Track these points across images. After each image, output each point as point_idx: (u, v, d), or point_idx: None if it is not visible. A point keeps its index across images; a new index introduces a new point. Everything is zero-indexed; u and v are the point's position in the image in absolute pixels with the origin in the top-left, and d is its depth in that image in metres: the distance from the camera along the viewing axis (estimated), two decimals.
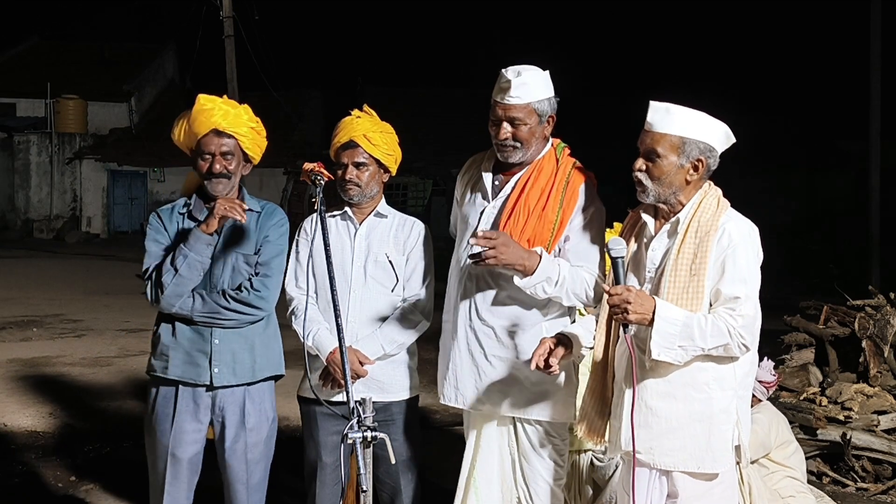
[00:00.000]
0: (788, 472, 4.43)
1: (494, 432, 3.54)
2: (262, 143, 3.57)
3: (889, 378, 5.89)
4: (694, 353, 2.87)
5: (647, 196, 3.01)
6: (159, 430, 3.45)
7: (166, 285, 3.35)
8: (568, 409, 3.50)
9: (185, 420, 3.43)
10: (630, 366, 2.96)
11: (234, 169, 3.47)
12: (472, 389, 3.47)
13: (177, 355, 3.44)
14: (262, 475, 3.56)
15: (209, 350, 3.42)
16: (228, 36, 22.29)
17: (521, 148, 3.39)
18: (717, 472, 2.98)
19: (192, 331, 3.44)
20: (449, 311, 3.62)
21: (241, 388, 3.47)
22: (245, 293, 3.42)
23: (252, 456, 3.50)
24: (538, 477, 3.48)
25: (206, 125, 3.42)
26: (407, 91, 31.90)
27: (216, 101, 3.47)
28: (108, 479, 5.43)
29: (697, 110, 2.99)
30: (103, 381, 8.12)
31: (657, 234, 3.05)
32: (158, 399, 3.47)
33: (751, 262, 2.92)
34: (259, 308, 3.46)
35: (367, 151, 3.59)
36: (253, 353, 3.48)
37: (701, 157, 2.96)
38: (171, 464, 3.44)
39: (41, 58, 33.89)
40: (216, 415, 3.47)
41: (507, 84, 3.33)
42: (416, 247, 3.65)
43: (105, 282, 16.49)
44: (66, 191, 30.58)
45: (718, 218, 2.94)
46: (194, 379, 3.43)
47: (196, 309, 3.40)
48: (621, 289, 2.85)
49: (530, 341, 3.34)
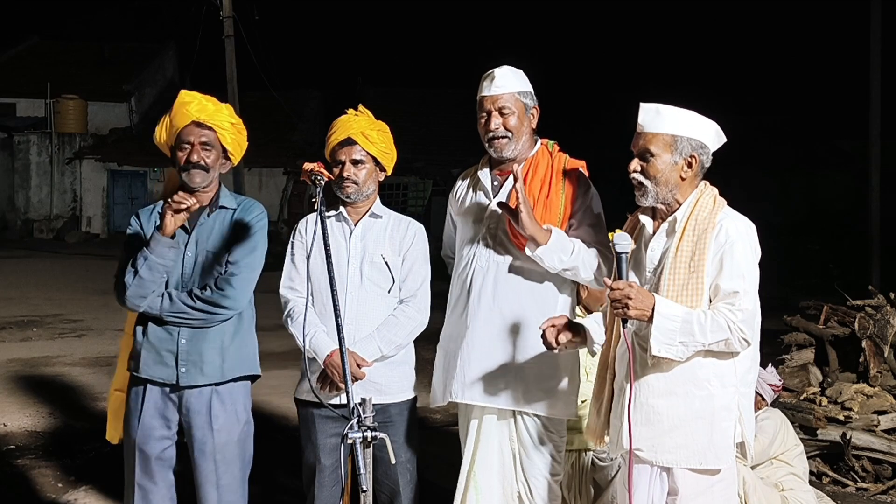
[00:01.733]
0: (790, 468, 4.44)
1: (495, 427, 3.59)
2: (242, 141, 3.57)
3: (889, 378, 5.89)
4: (695, 349, 2.90)
5: (646, 198, 3.05)
6: (130, 426, 3.48)
7: (127, 286, 3.38)
8: (569, 406, 3.57)
9: (153, 417, 3.44)
10: (634, 362, 2.99)
11: (213, 162, 3.46)
12: (481, 385, 3.53)
13: (147, 354, 3.45)
14: (237, 477, 3.50)
15: (176, 349, 3.42)
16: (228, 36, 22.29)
17: (512, 139, 3.52)
18: (719, 469, 3.00)
19: (161, 330, 3.44)
20: (454, 314, 3.66)
21: (209, 389, 3.45)
22: (209, 292, 3.41)
23: (222, 457, 3.45)
24: (536, 471, 3.54)
25: (186, 117, 3.43)
26: (407, 91, 31.90)
27: (197, 95, 3.50)
28: (108, 479, 5.42)
29: (687, 109, 3.04)
30: (103, 381, 8.11)
31: (655, 233, 3.08)
32: (130, 396, 3.51)
33: (748, 257, 2.96)
34: (225, 308, 3.43)
35: (365, 149, 3.60)
36: (223, 353, 3.46)
37: (694, 154, 3.01)
38: (139, 459, 3.46)
39: (41, 58, 33.87)
40: (183, 414, 3.46)
41: (491, 76, 3.51)
42: (412, 247, 3.65)
43: (105, 282, 16.38)
44: (66, 191, 30.57)
45: (715, 215, 2.99)
46: (162, 378, 3.43)
47: (164, 309, 3.41)
48: (623, 284, 2.88)
49: (537, 338, 3.40)
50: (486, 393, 3.52)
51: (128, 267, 3.39)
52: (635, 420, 2.99)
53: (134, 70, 33.29)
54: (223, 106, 3.50)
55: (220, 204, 3.53)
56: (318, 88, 34.70)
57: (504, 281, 3.54)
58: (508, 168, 3.58)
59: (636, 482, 3.02)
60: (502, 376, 3.51)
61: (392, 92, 31.28)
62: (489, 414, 3.59)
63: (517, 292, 3.53)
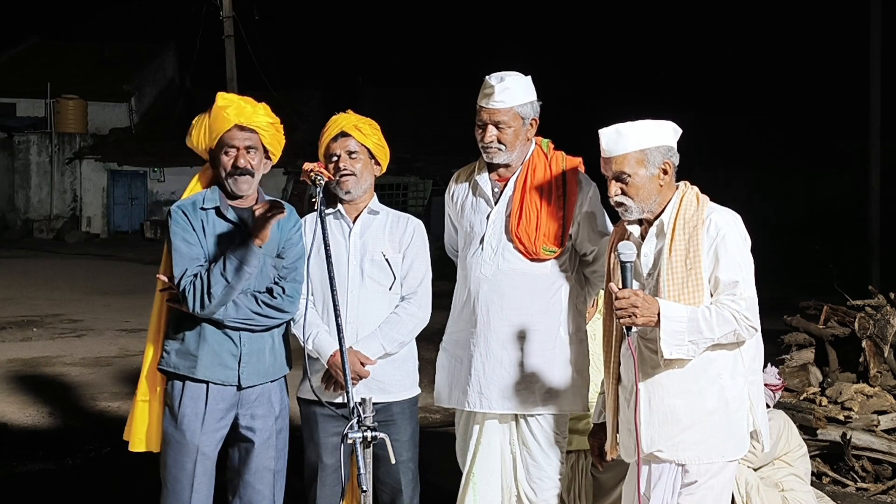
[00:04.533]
0: (792, 469, 4.44)
1: (497, 429, 3.65)
2: (281, 139, 3.56)
3: (889, 378, 5.89)
4: (705, 345, 2.96)
5: (630, 214, 3.11)
6: (188, 429, 3.40)
7: (215, 296, 3.27)
8: (582, 399, 3.66)
9: (216, 419, 3.42)
10: (638, 368, 3.03)
11: (257, 165, 3.44)
12: (497, 393, 3.58)
13: (205, 356, 3.40)
14: (284, 463, 3.59)
15: (239, 352, 3.41)
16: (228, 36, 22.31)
17: (505, 150, 3.56)
18: (737, 458, 3.09)
19: (222, 334, 3.40)
20: (459, 319, 3.69)
21: (264, 385, 3.50)
22: (278, 299, 3.42)
23: (280, 443, 3.53)
24: (541, 472, 3.60)
25: (227, 121, 3.39)
26: (407, 91, 31.93)
27: (233, 97, 3.48)
28: (108, 479, 5.43)
29: (637, 121, 3.09)
30: (103, 381, 8.13)
31: (645, 239, 3.12)
32: (185, 397, 3.42)
33: (741, 246, 3.04)
34: (288, 312, 3.47)
35: (359, 140, 3.61)
36: (274, 354, 3.50)
37: (666, 160, 3.07)
38: (200, 461, 3.41)
39: (41, 58, 33.88)
40: (243, 409, 3.46)
41: (491, 90, 3.51)
42: (412, 243, 3.66)
43: (105, 282, 16.50)
44: (66, 191, 30.58)
45: (702, 211, 3.05)
46: (223, 380, 3.41)
47: (229, 315, 3.36)
48: (629, 292, 2.92)
49: (547, 339, 3.54)
50: (502, 400, 3.59)
51: (215, 276, 3.26)
52: (653, 422, 3.06)
53: (134, 70, 33.30)
54: (260, 106, 3.48)
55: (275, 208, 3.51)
56: (318, 88, 34.73)
57: (510, 287, 3.57)
58: (507, 174, 3.62)
59: (655, 483, 3.09)
60: (517, 382, 3.57)
61: (392, 92, 31.30)
62: (491, 418, 3.64)
63: (523, 298, 3.57)
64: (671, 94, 27.16)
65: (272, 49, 25.96)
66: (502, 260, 3.57)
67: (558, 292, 3.61)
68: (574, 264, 3.67)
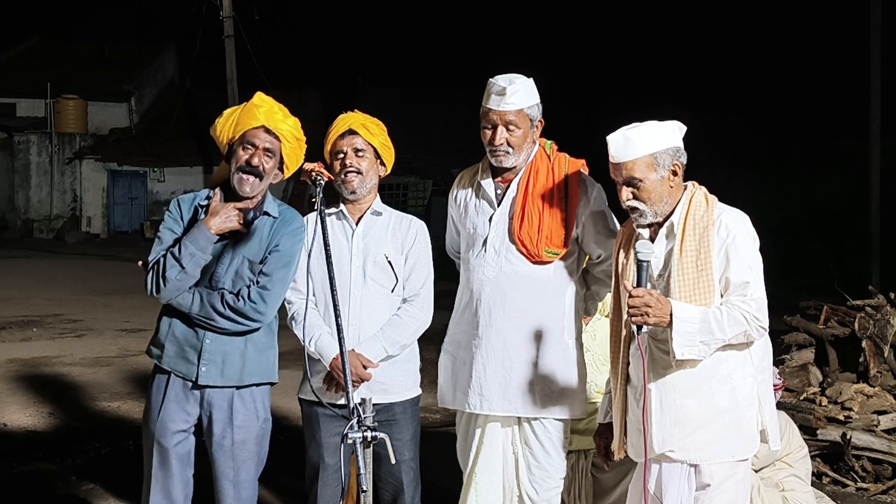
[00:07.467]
0: (793, 470, 4.44)
1: (499, 431, 3.66)
2: (300, 156, 3.55)
3: (889, 378, 5.89)
4: (716, 346, 2.98)
5: (644, 218, 3.10)
6: (149, 418, 3.47)
7: (170, 280, 3.34)
8: (582, 404, 3.66)
9: (172, 410, 3.43)
10: (648, 368, 3.05)
11: (269, 170, 3.44)
12: (499, 396, 3.58)
13: (171, 346, 3.45)
14: (252, 474, 3.53)
15: (200, 347, 3.41)
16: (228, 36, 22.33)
17: (513, 153, 3.54)
18: (747, 458, 3.10)
19: (186, 327, 3.44)
20: (462, 321, 3.68)
21: (230, 389, 3.46)
22: (241, 303, 3.39)
23: (239, 454, 3.47)
24: (544, 473, 3.61)
25: (256, 119, 3.41)
26: (407, 91, 31.87)
27: (269, 100, 3.49)
28: (108, 479, 5.43)
29: (644, 123, 3.08)
30: (103, 381, 8.13)
31: (655, 240, 3.12)
32: (152, 387, 3.50)
33: (751, 247, 3.05)
34: (253, 321, 3.42)
35: (366, 139, 3.61)
36: (244, 358, 3.45)
37: (675, 162, 3.08)
38: (157, 452, 3.45)
39: (41, 58, 33.85)
40: (204, 409, 3.46)
41: (503, 91, 3.48)
42: (414, 245, 3.66)
43: (105, 282, 16.49)
44: (66, 191, 30.57)
45: (712, 212, 3.06)
46: (183, 373, 3.44)
47: (194, 309, 3.39)
48: (643, 291, 2.93)
49: (549, 342, 3.54)
50: (504, 402, 3.58)
51: (168, 259, 3.34)
52: (664, 422, 3.06)
53: (134, 70, 33.26)
54: (292, 118, 3.50)
55: (264, 209, 3.50)
56: (318, 88, 34.69)
57: (512, 289, 3.57)
58: (511, 176, 3.61)
59: (667, 483, 3.10)
60: (519, 385, 3.57)
61: (392, 92, 31.26)
62: (493, 420, 3.64)
63: (525, 300, 3.57)
64: (671, 94, 27.17)
65: (272, 49, 26.00)
66: (505, 262, 3.57)
67: (561, 295, 3.61)
68: (580, 267, 3.67)
